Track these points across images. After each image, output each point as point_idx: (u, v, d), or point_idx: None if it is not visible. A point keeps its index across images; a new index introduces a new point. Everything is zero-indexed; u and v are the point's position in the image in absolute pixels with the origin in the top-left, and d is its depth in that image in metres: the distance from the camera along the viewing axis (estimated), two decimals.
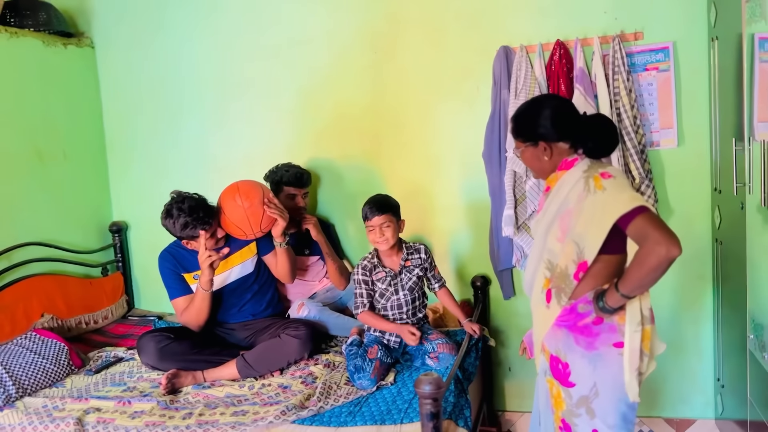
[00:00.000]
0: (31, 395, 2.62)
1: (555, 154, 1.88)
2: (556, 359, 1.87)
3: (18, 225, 3.11)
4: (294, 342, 2.69)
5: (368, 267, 2.70)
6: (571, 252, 1.79)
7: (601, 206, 1.74)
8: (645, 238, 1.63)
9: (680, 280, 2.99)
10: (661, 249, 1.59)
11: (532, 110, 1.91)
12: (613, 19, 2.89)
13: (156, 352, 2.72)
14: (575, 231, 1.78)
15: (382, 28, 3.20)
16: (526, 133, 1.92)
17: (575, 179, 1.82)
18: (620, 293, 1.70)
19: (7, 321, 2.92)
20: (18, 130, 3.14)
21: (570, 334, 1.83)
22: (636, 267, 1.65)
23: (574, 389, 1.84)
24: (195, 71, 3.50)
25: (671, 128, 2.90)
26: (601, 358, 1.80)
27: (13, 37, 3.13)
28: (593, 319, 1.80)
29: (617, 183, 1.76)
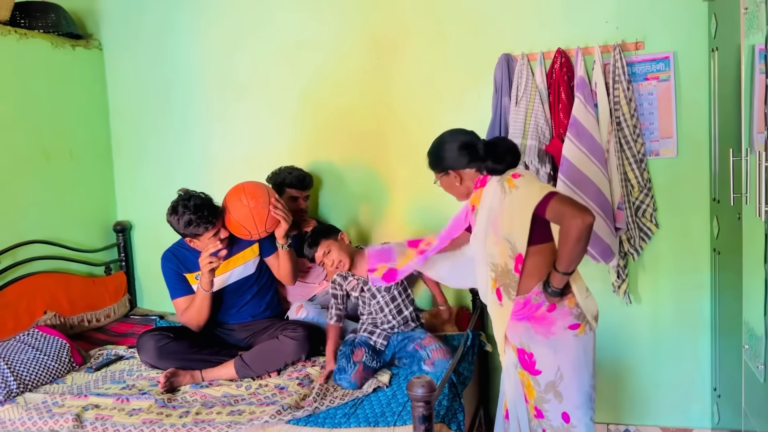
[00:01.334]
0: (31, 391, 2.65)
1: (465, 179, 2.15)
2: (522, 351, 2.08)
3: (23, 223, 3.15)
4: (291, 343, 2.72)
5: (338, 280, 2.76)
6: (506, 249, 2.01)
7: (518, 202, 1.98)
8: (562, 216, 1.89)
9: (678, 289, 3.00)
10: (577, 221, 1.85)
11: (439, 146, 2.19)
12: (614, 28, 2.92)
13: (155, 350, 2.75)
14: (504, 231, 2.00)
15: (385, 34, 3.23)
16: (437, 165, 2.20)
17: (493, 189, 2.07)
18: (560, 272, 1.94)
19: (11, 317, 2.96)
20: (26, 129, 3.19)
21: (529, 326, 2.04)
22: (563, 243, 1.90)
23: (540, 376, 2.05)
24: (200, 73, 3.54)
25: (671, 138, 2.91)
26: (560, 342, 2.02)
27: (22, 38, 3.18)
28: (547, 308, 2.03)
29: (526, 180, 2.01)
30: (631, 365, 3.09)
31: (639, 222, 2.93)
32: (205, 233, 2.73)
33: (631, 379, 3.09)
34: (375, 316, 2.73)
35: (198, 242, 2.77)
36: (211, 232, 2.74)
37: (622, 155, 2.85)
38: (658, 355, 3.06)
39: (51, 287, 3.19)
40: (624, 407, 3.12)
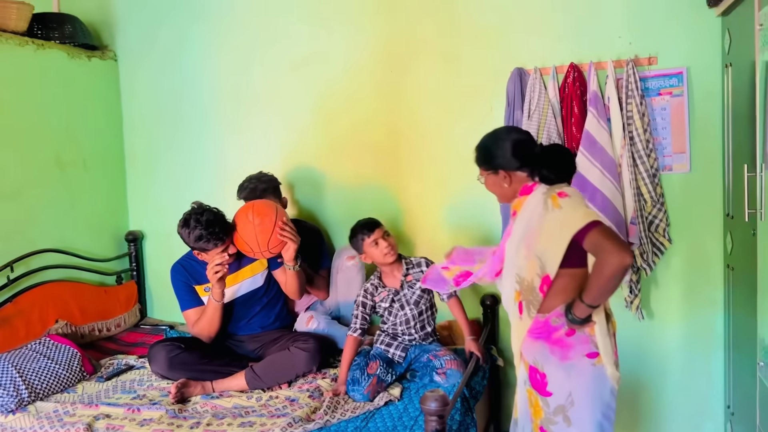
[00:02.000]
0: (43, 400, 2.66)
1: (514, 182, 2.05)
2: (534, 369, 2.00)
3: (37, 231, 3.18)
4: (303, 355, 2.72)
5: (370, 289, 2.75)
6: (535, 266, 1.94)
7: (558, 223, 1.90)
8: (600, 250, 1.81)
9: (691, 305, 2.98)
10: (615, 258, 1.76)
11: (493, 141, 2.09)
12: (627, 43, 2.92)
13: (166, 361, 2.75)
14: (537, 247, 1.93)
15: (397, 48, 3.25)
16: (487, 162, 2.09)
17: (536, 201, 1.97)
18: (585, 303, 1.85)
19: (23, 325, 2.98)
20: (41, 139, 3.22)
21: (546, 346, 1.97)
22: (595, 277, 1.82)
23: (551, 398, 1.97)
24: (214, 86, 3.57)
25: (684, 153, 2.90)
26: (575, 368, 1.94)
27: (39, 49, 3.22)
28: (566, 331, 1.94)
29: (572, 201, 1.92)
30: (643, 381, 3.06)
31: (652, 237, 2.92)
32: (214, 249, 2.74)
33: (643, 396, 3.06)
34: (397, 327, 2.73)
35: (206, 256, 2.78)
36: (220, 248, 2.74)
37: (635, 170, 2.85)
38: (671, 372, 3.04)
39: (63, 296, 3.21)
40: (636, 424, 3.09)
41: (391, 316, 2.72)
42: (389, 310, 2.71)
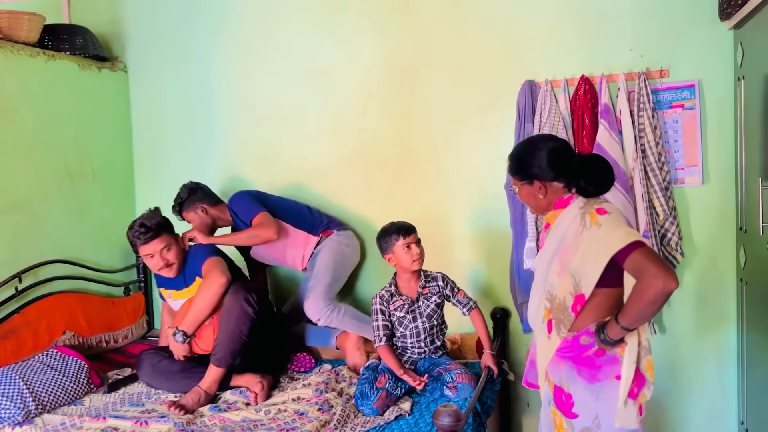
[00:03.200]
0: (50, 412, 2.64)
1: (550, 193, 1.94)
2: (559, 390, 1.91)
3: (45, 242, 3.16)
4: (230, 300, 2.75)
5: (385, 296, 2.72)
6: (568, 284, 1.84)
7: (596, 241, 1.79)
8: (642, 273, 1.69)
9: (704, 320, 2.95)
10: (658, 282, 1.65)
11: (527, 150, 1.98)
12: (639, 56, 2.91)
13: (150, 368, 2.83)
14: (572, 265, 1.83)
15: (408, 60, 3.25)
16: (521, 172, 1.97)
17: (572, 216, 1.87)
18: (620, 326, 1.75)
19: (30, 337, 2.96)
20: (51, 149, 3.21)
21: (573, 366, 1.88)
22: (635, 300, 1.72)
23: (576, 420, 1.88)
24: (223, 97, 3.57)
25: (696, 166, 2.89)
26: (604, 390, 1.84)
27: (50, 60, 3.22)
28: (595, 351, 1.85)
29: (612, 219, 1.81)
30: (654, 397, 2.98)
31: (664, 250, 2.89)
32: (142, 247, 2.85)
33: (656, 411, 3.02)
34: (407, 340, 2.71)
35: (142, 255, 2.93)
36: (145, 247, 2.84)
37: (647, 182, 2.83)
38: (683, 387, 3.01)
39: (70, 307, 3.19)
40: None
41: (401, 327, 2.70)
42: (401, 320, 2.69)
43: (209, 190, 3.29)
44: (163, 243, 2.86)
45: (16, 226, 3.02)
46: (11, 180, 3.01)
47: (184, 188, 3.24)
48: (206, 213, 3.21)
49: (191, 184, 3.25)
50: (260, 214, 3.10)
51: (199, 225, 3.19)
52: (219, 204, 3.26)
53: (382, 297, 2.72)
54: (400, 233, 2.65)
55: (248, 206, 3.15)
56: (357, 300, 3.41)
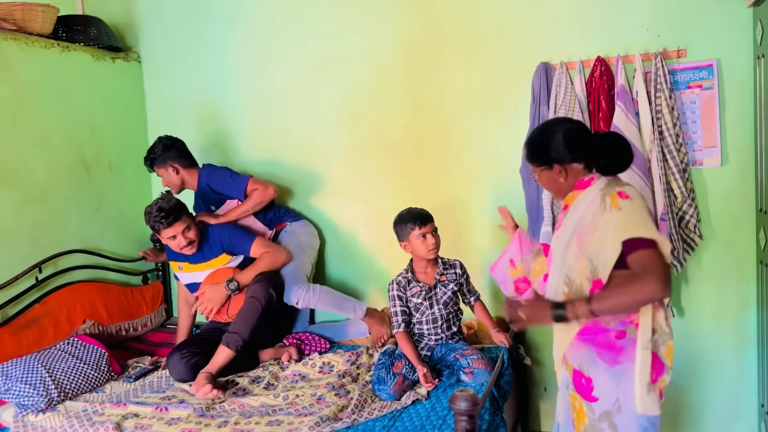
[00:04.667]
0: (72, 399, 2.68)
1: (570, 175, 1.91)
2: (579, 374, 1.89)
3: (64, 232, 3.20)
4: (257, 287, 2.89)
5: (402, 282, 2.71)
6: (585, 269, 1.81)
7: (614, 225, 1.75)
8: (645, 270, 1.68)
9: (723, 303, 2.92)
10: (657, 286, 1.66)
11: (543, 135, 1.95)
12: (655, 36, 2.87)
13: (188, 369, 2.81)
14: (590, 248, 1.80)
15: (421, 45, 3.23)
16: (540, 158, 1.94)
17: (591, 197, 1.84)
18: (590, 308, 1.74)
19: (51, 326, 3.00)
20: (67, 140, 3.24)
21: (593, 349, 1.86)
22: (621, 292, 1.71)
23: (596, 404, 1.86)
24: (237, 86, 3.57)
25: (715, 147, 2.85)
26: (625, 373, 1.81)
27: (64, 51, 3.24)
28: (616, 334, 1.82)
29: (633, 205, 1.77)
30: (673, 380, 2.95)
31: (682, 233, 2.86)
32: (162, 231, 2.92)
33: (674, 395, 3.01)
34: (423, 326, 2.71)
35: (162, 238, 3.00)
36: (167, 231, 2.92)
37: (664, 165, 2.79)
38: (703, 370, 2.98)
39: (90, 296, 3.23)
40: (667, 422, 3.03)
41: (417, 314, 2.70)
42: (418, 306, 2.69)
43: (185, 148, 3.29)
44: (184, 224, 2.94)
45: (34, 217, 3.05)
46: (29, 172, 3.04)
47: (159, 143, 3.23)
48: (177, 173, 3.23)
49: (167, 139, 3.25)
50: (250, 180, 3.17)
51: (167, 183, 3.25)
52: (192, 167, 3.27)
53: (399, 283, 2.72)
54: (416, 222, 2.64)
55: (233, 179, 3.19)
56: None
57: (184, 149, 3.28)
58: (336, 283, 3.49)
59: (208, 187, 3.22)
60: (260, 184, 3.15)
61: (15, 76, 2.99)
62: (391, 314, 2.71)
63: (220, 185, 3.20)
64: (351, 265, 3.49)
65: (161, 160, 3.22)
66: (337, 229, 3.48)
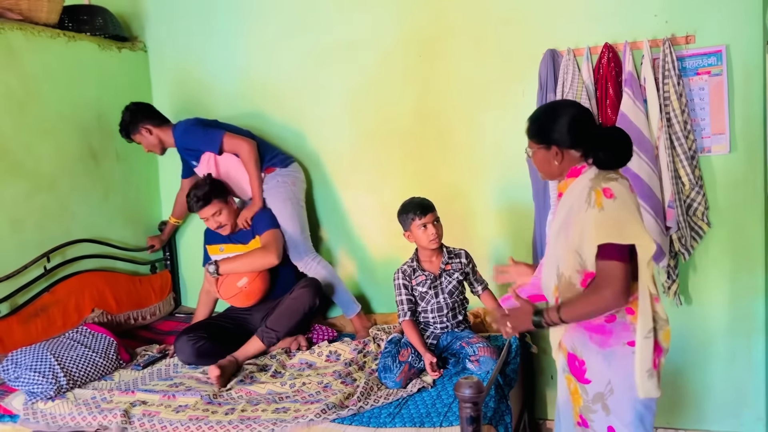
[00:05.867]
0: (80, 387, 2.71)
1: (565, 160, 1.90)
2: (573, 356, 1.93)
3: (72, 222, 3.22)
4: (304, 292, 2.97)
5: (408, 271, 2.71)
6: (574, 262, 1.83)
7: (592, 225, 1.76)
8: (605, 282, 1.75)
9: (731, 291, 2.90)
10: (613, 300, 1.74)
11: (550, 114, 1.93)
12: (663, 22, 2.84)
13: (193, 352, 2.87)
14: (575, 241, 1.82)
15: (427, 33, 3.21)
16: (540, 136, 1.92)
17: (581, 187, 1.84)
18: (560, 316, 1.83)
19: (60, 315, 3.03)
20: (75, 130, 3.25)
21: (585, 333, 1.89)
22: (584, 303, 1.80)
23: (589, 386, 1.90)
24: (243, 74, 3.57)
25: (723, 134, 2.82)
26: (615, 356, 1.84)
27: (70, 41, 3.25)
28: (606, 317, 1.84)
29: (617, 206, 1.76)
30: (681, 368, 3.00)
31: (690, 221, 2.84)
32: (201, 210, 3.05)
33: (682, 383, 3.00)
34: (428, 315, 2.71)
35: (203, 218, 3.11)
36: (207, 210, 3.04)
37: (672, 152, 2.77)
38: (710, 359, 2.97)
39: (98, 285, 3.25)
40: (674, 411, 3.03)
41: (423, 302, 2.70)
42: (423, 295, 2.69)
43: (152, 109, 3.31)
44: (214, 208, 3.05)
45: (43, 207, 3.07)
46: (37, 161, 3.06)
47: (126, 110, 3.26)
48: (151, 133, 3.25)
49: (132, 105, 3.27)
50: (225, 136, 3.19)
51: (148, 147, 3.28)
52: (164, 125, 3.29)
53: (405, 272, 2.72)
54: (416, 213, 2.63)
55: (206, 133, 3.20)
56: None
57: (151, 109, 3.32)
58: (342, 271, 3.50)
59: (184, 143, 3.25)
60: (240, 141, 3.18)
61: (21, 67, 3.00)
62: (397, 303, 2.71)
63: (193, 141, 3.22)
64: (357, 253, 3.49)
65: (133, 125, 3.24)
66: (343, 217, 3.49)
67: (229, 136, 3.18)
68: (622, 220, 1.76)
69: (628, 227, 1.75)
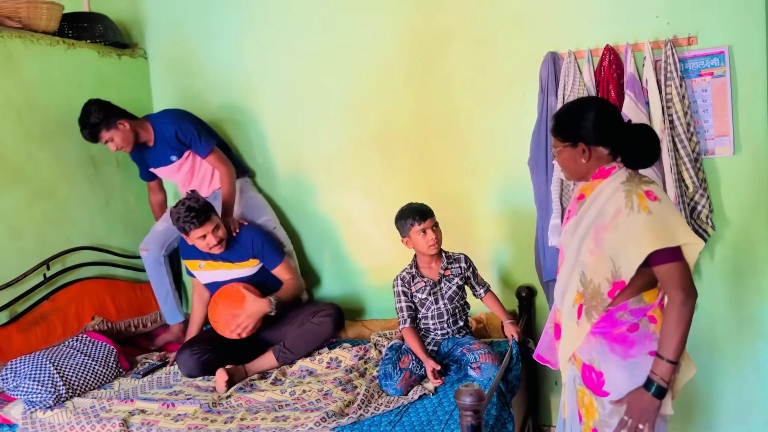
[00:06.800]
0: (80, 395, 2.69)
1: (593, 158, 1.83)
2: (589, 368, 1.84)
3: (72, 229, 3.22)
4: (328, 321, 2.94)
5: (407, 278, 2.69)
6: (605, 270, 1.75)
7: (641, 230, 1.69)
8: (678, 288, 1.67)
9: (738, 295, 2.86)
10: (693, 299, 1.68)
11: (575, 110, 1.87)
12: (665, 23, 2.81)
13: (198, 366, 2.83)
14: (611, 247, 1.73)
15: (426, 36, 3.19)
16: (566, 133, 1.86)
17: (612, 190, 1.77)
18: (668, 360, 1.69)
19: (60, 323, 3.02)
20: (75, 138, 3.24)
21: (605, 342, 1.80)
22: (677, 324, 1.68)
23: (607, 399, 1.81)
24: (243, 80, 3.56)
25: (727, 135, 2.79)
26: (638, 367, 1.77)
27: (70, 48, 3.25)
28: (629, 327, 1.77)
29: (663, 208, 1.71)
30: None
31: (695, 224, 2.81)
32: (192, 231, 2.85)
33: (688, 387, 2.93)
34: (429, 321, 2.68)
35: (189, 238, 2.92)
36: (197, 231, 2.85)
37: (675, 154, 2.74)
38: (717, 363, 2.93)
39: (99, 293, 3.24)
40: (681, 416, 2.99)
41: (423, 309, 2.67)
42: (423, 302, 2.66)
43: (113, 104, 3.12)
44: (214, 223, 2.89)
45: (43, 214, 3.07)
46: (37, 168, 3.05)
47: (93, 106, 3.00)
48: (128, 127, 3.07)
49: (98, 101, 3.03)
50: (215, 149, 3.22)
51: (121, 143, 3.07)
52: (137, 119, 3.17)
53: (404, 279, 2.69)
54: (415, 218, 2.60)
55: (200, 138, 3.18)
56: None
57: (114, 105, 3.10)
58: (340, 277, 3.48)
59: (175, 133, 3.13)
60: (224, 164, 3.20)
61: (21, 74, 3.00)
62: (396, 310, 2.68)
63: (187, 135, 3.16)
64: (356, 259, 3.47)
65: (109, 120, 3.01)
66: (342, 222, 3.47)
67: (217, 152, 3.19)
68: (671, 222, 1.70)
69: (679, 228, 1.70)
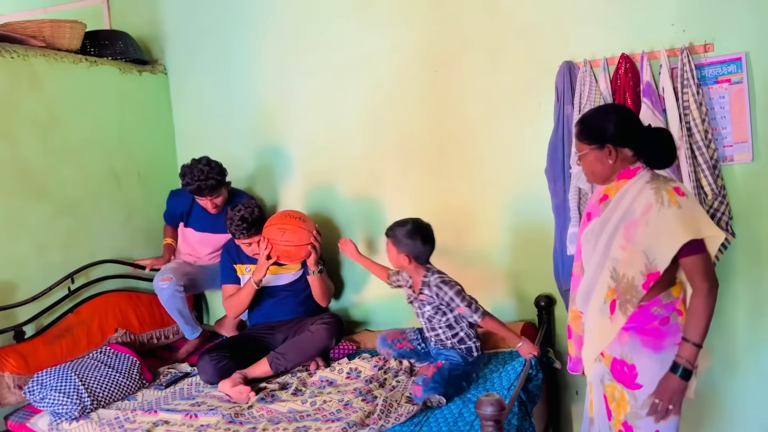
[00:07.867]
0: (104, 407, 2.73)
1: (619, 159, 1.95)
2: (620, 362, 1.93)
3: (95, 243, 3.28)
4: (322, 329, 2.94)
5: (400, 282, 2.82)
6: (639, 263, 1.85)
7: (674, 222, 1.82)
8: (702, 278, 1.82)
9: (757, 303, 2.83)
10: (716, 288, 1.83)
11: (600, 114, 2.02)
12: (681, 31, 2.81)
13: (216, 372, 2.86)
14: (644, 242, 1.84)
15: (442, 46, 3.21)
16: (593, 136, 1.97)
17: (639, 189, 1.90)
18: (694, 343, 1.82)
19: (84, 335, 3.06)
20: (97, 153, 3.32)
21: (637, 337, 1.90)
22: (702, 311, 1.82)
23: (640, 391, 1.90)
24: (261, 94, 3.61)
25: (745, 142, 2.77)
26: (670, 358, 1.86)
27: (92, 65, 3.32)
28: (660, 321, 1.89)
29: (691, 203, 1.85)
30: (707, 380, 2.93)
31: None
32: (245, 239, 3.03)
33: (708, 395, 2.93)
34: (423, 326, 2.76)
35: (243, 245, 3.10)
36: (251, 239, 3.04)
37: (693, 162, 2.73)
38: (738, 371, 2.90)
39: (121, 305, 3.29)
40: (701, 424, 2.96)
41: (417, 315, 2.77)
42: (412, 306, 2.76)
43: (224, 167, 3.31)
44: (259, 237, 3.05)
45: (67, 229, 3.13)
46: (61, 184, 3.12)
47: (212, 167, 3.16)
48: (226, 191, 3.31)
49: (214, 162, 3.20)
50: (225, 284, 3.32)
51: (215, 205, 3.26)
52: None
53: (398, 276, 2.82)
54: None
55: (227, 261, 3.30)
56: None
57: None
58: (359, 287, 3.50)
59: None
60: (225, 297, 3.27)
61: (45, 92, 3.07)
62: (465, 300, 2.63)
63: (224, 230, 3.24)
64: None
65: (222, 182, 3.23)
66: (362, 233, 3.49)
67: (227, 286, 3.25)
68: (698, 216, 1.85)
69: (704, 221, 1.85)
